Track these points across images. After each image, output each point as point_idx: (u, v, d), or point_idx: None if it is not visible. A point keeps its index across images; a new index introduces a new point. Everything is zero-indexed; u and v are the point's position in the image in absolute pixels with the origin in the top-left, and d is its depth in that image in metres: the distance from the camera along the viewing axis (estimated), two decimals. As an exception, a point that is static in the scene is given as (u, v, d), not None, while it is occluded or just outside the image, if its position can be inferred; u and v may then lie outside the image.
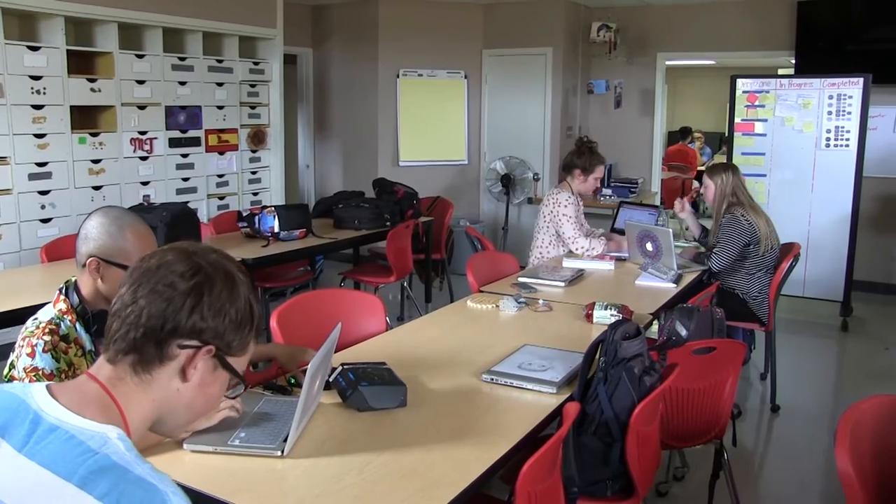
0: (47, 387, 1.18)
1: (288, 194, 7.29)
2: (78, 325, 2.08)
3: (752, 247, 4.46)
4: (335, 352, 2.47)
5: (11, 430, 1.13)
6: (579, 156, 4.81)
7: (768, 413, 4.66)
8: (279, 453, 1.92)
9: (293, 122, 8.45)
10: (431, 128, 8.31)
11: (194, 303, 1.21)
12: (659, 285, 3.93)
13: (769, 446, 4.40)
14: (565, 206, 4.69)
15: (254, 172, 6.81)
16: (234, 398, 2.02)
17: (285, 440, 1.95)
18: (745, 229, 4.42)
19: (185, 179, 6.15)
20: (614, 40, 7.92)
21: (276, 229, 4.91)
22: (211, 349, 1.23)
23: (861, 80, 6.20)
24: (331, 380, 2.30)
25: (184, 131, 6.10)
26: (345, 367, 2.34)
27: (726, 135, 6.90)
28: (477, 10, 8.26)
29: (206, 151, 6.30)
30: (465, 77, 8.34)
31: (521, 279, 3.90)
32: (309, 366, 2.00)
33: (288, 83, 7.42)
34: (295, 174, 8.63)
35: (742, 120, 6.68)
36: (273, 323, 2.81)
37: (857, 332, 6.29)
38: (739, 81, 6.68)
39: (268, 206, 5.08)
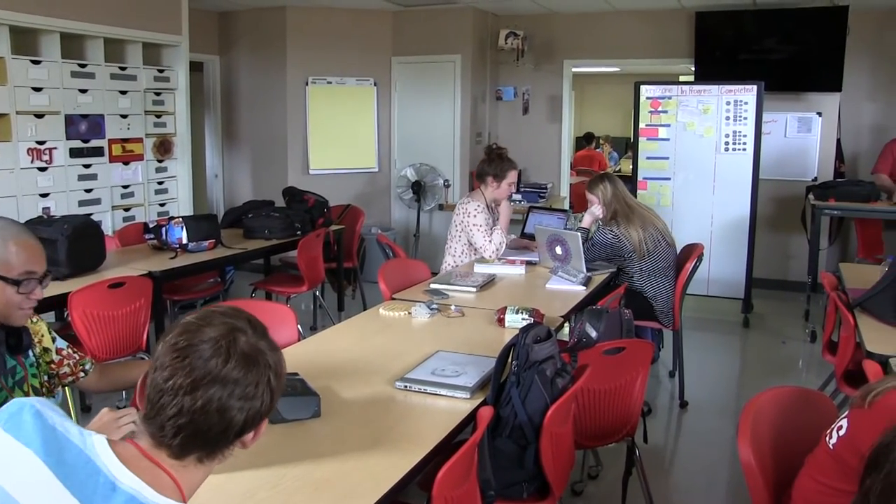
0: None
1: (196, 205, 7.12)
2: None
3: (622, 258, 4.58)
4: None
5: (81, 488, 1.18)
6: (490, 163, 4.85)
7: (677, 409, 4.80)
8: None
9: (200, 131, 8.27)
10: (341, 135, 8.26)
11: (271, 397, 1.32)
12: (569, 288, 4.00)
13: (679, 441, 4.54)
14: (475, 215, 4.73)
15: (160, 183, 6.63)
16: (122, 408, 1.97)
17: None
18: (607, 243, 4.55)
19: (88, 191, 5.93)
20: (522, 47, 8.04)
21: (185, 241, 4.79)
22: None
23: (755, 87, 6.47)
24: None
25: (85, 141, 5.88)
26: (256, 378, 2.29)
27: (632, 140, 7.08)
28: (386, 18, 8.26)
29: (110, 162, 6.09)
30: (375, 84, 8.32)
31: (433, 286, 3.91)
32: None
33: (194, 91, 7.25)
34: (203, 184, 8.44)
35: (646, 125, 6.87)
36: (181, 337, 2.74)
37: (757, 327, 6.54)
38: (643, 88, 6.87)
39: (175, 217, 4.96)
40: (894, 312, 3.39)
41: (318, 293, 6.04)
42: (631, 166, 7.20)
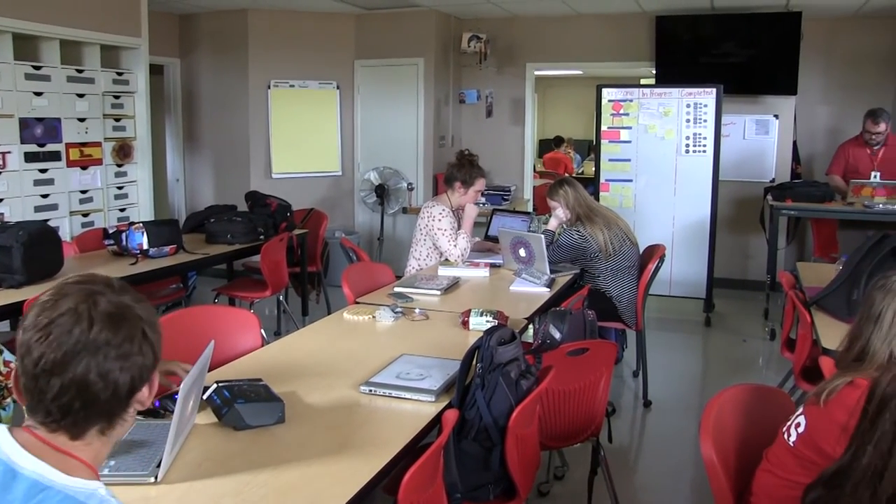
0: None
1: (157, 210, 7.03)
2: None
3: (588, 259, 4.62)
4: (209, 370, 2.41)
5: None
6: (459, 168, 4.86)
7: (641, 408, 4.85)
8: (152, 479, 1.85)
9: (161, 135, 8.17)
10: (304, 139, 8.22)
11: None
12: (533, 290, 4.03)
13: (643, 440, 4.58)
14: (439, 219, 4.74)
15: (120, 188, 6.54)
16: None
17: (159, 465, 1.88)
18: (573, 244, 4.59)
19: (45, 196, 5.82)
20: (485, 51, 8.07)
21: (145, 246, 4.73)
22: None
23: (714, 90, 6.56)
24: (205, 398, 2.23)
25: (41, 145, 5.77)
26: (219, 384, 2.27)
27: (594, 142, 7.14)
28: (348, 21, 8.24)
29: (68, 166, 5.99)
30: (338, 87, 8.29)
31: (397, 289, 3.91)
32: (181, 386, 1.94)
33: (155, 94, 7.17)
34: (164, 189, 8.34)
35: (608, 128, 6.93)
36: (143, 344, 2.70)
37: (718, 326, 6.63)
38: (605, 91, 6.93)
39: (135, 223, 4.89)
40: (848, 309, 3.46)
41: (281, 298, 6.00)
42: (594, 169, 7.26)
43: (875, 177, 6.32)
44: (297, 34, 8.01)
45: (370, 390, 2.46)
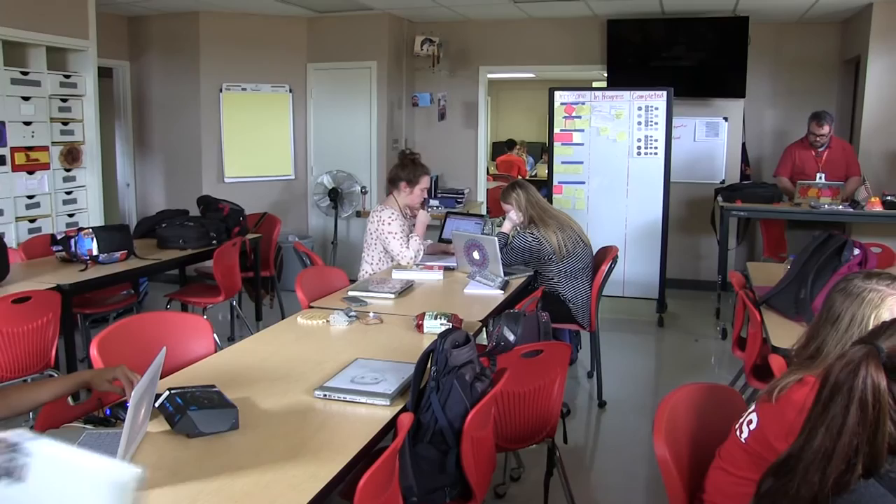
0: None
1: (107, 215, 6.91)
2: None
3: (542, 261, 4.66)
4: (161, 377, 2.37)
5: None
6: (403, 168, 4.88)
7: (596, 409, 4.89)
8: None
9: (111, 139, 8.02)
10: (257, 143, 8.14)
11: None
12: (487, 292, 4.03)
13: (598, 440, 4.62)
14: (389, 223, 4.73)
15: (68, 193, 6.40)
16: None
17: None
18: (527, 247, 4.61)
19: (-11, 202, 5.70)
20: (437, 54, 8.08)
21: (95, 252, 4.64)
22: None
23: (665, 93, 6.65)
24: (157, 405, 2.19)
25: (-16, 150, 5.64)
26: (172, 391, 2.24)
27: (547, 145, 7.19)
28: (301, 24, 8.19)
29: (13, 171, 5.84)
30: (290, 91, 8.24)
31: (350, 293, 3.89)
32: (132, 394, 1.90)
33: (104, 98, 7.03)
34: (114, 193, 8.20)
35: (561, 130, 6.98)
36: (93, 351, 2.65)
37: (671, 326, 6.72)
38: (557, 94, 6.98)
39: (85, 228, 4.79)
40: (796, 308, 3.53)
41: (234, 303, 5.93)
42: (547, 171, 7.31)
43: (820, 178, 6.47)
44: (249, 37, 7.93)
45: (324, 395, 2.44)
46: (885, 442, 1.29)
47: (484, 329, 3.41)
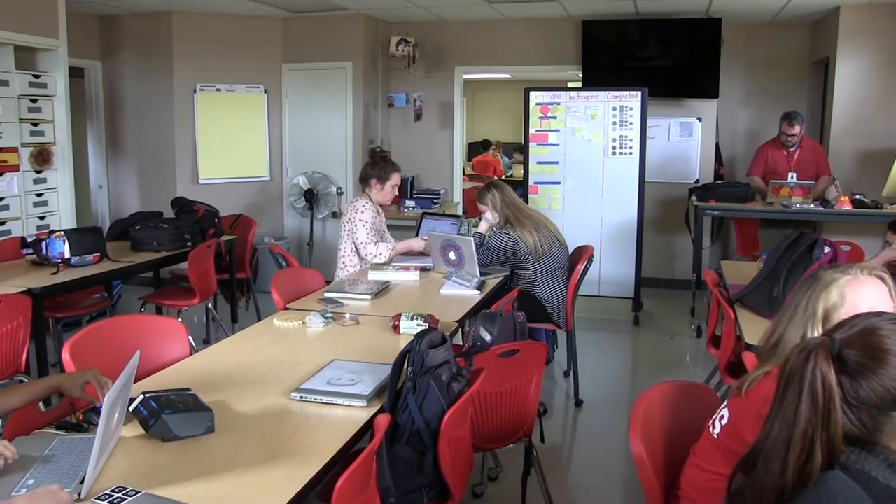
0: None
1: (80, 217, 6.83)
2: None
3: (518, 261, 4.67)
4: (135, 381, 2.35)
5: None
6: (373, 166, 4.91)
7: (573, 408, 4.91)
8: (76, 496, 1.78)
9: (83, 140, 7.94)
10: (231, 144, 8.10)
11: None
12: (463, 293, 4.04)
13: (575, 439, 4.64)
14: (361, 211, 4.76)
15: (39, 195, 6.31)
16: None
17: (82, 482, 1.81)
18: (504, 247, 4.63)
19: (-43, 205, 5.61)
20: (413, 54, 8.07)
21: (67, 255, 4.58)
22: None
23: (639, 93, 6.69)
24: (131, 410, 2.17)
25: (-48, 151, 5.55)
26: (146, 395, 2.22)
27: (523, 145, 7.21)
28: (276, 24, 8.15)
29: (-18, 173, 5.78)
30: (265, 92, 8.20)
31: (327, 294, 3.88)
32: (105, 398, 1.88)
33: (75, 98, 6.95)
34: (87, 195, 8.11)
35: (536, 130, 7.00)
36: (65, 355, 2.62)
37: (647, 325, 6.77)
38: (532, 94, 7.00)
39: (56, 231, 4.73)
40: (769, 305, 3.57)
41: (210, 305, 5.89)
42: (522, 171, 7.33)
43: (792, 177, 6.55)
44: (224, 38, 7.88)
45: (301, 397, 2.44)
46: (838, 431, 1.31)
47: (460, 329, 3.42)
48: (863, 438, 1.33)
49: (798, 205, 6.34)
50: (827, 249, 3.66)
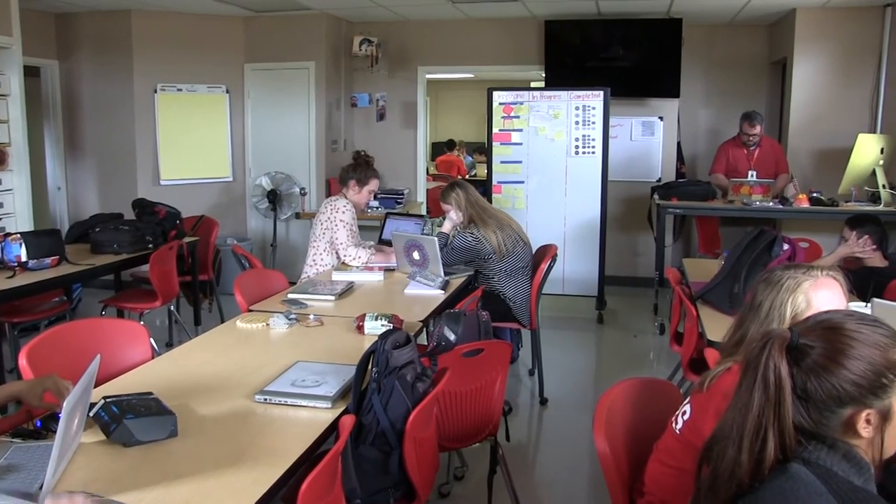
0: None
1: (37, 219, 6.70)
2: None
3: (482, 260, 4.69)
4: (96, 386, 2.31)
5: None
6: (356, 168, 4.92)
7: (537, 406, 4.93)
8: (33, 504, 1.75)
9: (39, 141, 7.79)
10: (193, 144, 8.01)
11: None
12: (427, 293, 4.04)
13: (540, 437, 4.66)
14: (343, 211, 4.74)
15: (-6, 197, 6.20)
16: None
17: (41, 489, 1.78)
18: (468, 246, 4.65)
19: None
20: (376, 54, 8.05)
21: (24, 258, 4.50)
22: None
23: (602, 93, 6.74)
24: (91, 415, 2.14)
25: None
26: (107, 400, 2.18)
27: (486, 145, 7.24)
28: (237, 23, 8.08)
29: (-65, 175, 5.65)
30: (227, 92, 8.12)
31: (290, 295, 3.86)
32: (64, 404, 1.85)
33: (31, 98, 6.81)
34: (44, 197, 7.97)
35: (500, 130, 7.02)
36: (22, 361, 2.57)
37: (610, 323, 6.82)
38: (496, 94, 7.01)
39: (12, 234, 4.63)
40: (730, 302, 3.62)
41: (172, 308, 5.83)
42: (486, 171, 7.34)
43: (752, 176, 6.65)
44: (184, 37, 7.79)
45: (265, 399, 2.42)
46: (788, 420, 1.34)
47: (425, 329, 3.42)
48: (811, 430, 1.36)
49: (758, 203, 6.44)
50: (786, 247, 3.72)
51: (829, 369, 1.34)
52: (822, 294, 2.07)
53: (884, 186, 6.20)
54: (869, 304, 2.89)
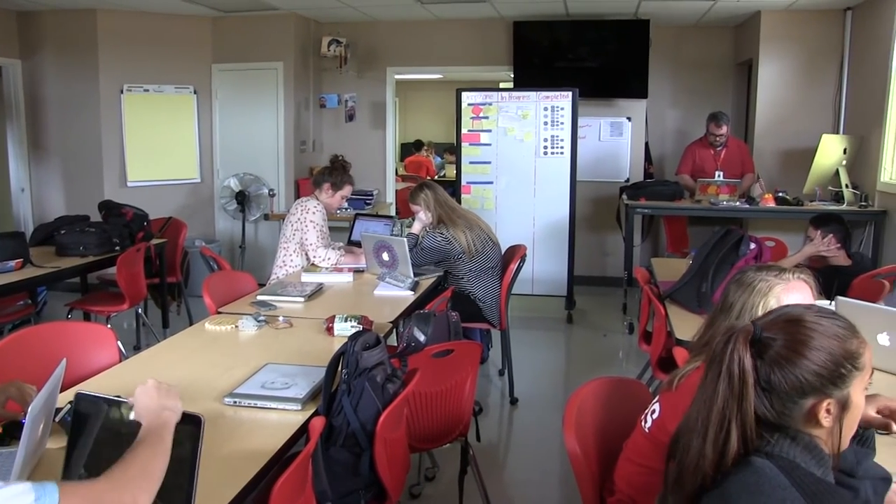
0: None
1: (1, 221, 6.60)
2: None
3: (452, 260, 4.71)
4: (62, 390, 2.27)
5: None
6: (331, 172, 4.89)
7: (508, 406, 4.94)
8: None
9: (2, 141, 7.67)
10: (161, 146, 7.92)
11: None
12: (397, 293, 4.04)
13: (511, 437, 4.67)
14: (313, 212, 4.72)
15: (-45, 199, 6.10)
16: None
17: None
18: (437, 247, 4.66)
19: None
20: (345, 55, 8.02)
21: (-14, 261, 4.44)
22: None
23: (570, 93, 6.78)
24: (57, 420, 2.11)
25: None
26: (72, 405, 2.15)
27: (455, 145, 7.24)
28: (205, 23, 8.01)
29: None
30: (195, 92, 8.05)
31: (259, 297, 3.84)
32: (29, 410, 1.82)
33: (-8, 98, 6.72)
34: (7, 199, 7.84)
35: (469, 131, 7.03)
36: (-15, 365, 2.53)
37: (580, 322, 6.86)
38: (464, 94, 7.02)
39: (-26, 236, 4.58)
40: (698, 301, 3.66)
41: (140, 311, 5.77)
42: (455, 171, 7.35)
43: (719, 176, 6.73)
44: (151, 37, 7.70)
45: (234, 402, 2.40)
46: (750, 412, 1.37)
47: (394, 330, 3.41)
48: (773, 422, 1.39)
49: (725, 202, 6.52)
50: (752, 246, 3.77)
51: (791, 360, 1.37)
52: (793, 297, 2.10)
53: (846, 186, 6.30)
54: (833, 303, 2.94)
